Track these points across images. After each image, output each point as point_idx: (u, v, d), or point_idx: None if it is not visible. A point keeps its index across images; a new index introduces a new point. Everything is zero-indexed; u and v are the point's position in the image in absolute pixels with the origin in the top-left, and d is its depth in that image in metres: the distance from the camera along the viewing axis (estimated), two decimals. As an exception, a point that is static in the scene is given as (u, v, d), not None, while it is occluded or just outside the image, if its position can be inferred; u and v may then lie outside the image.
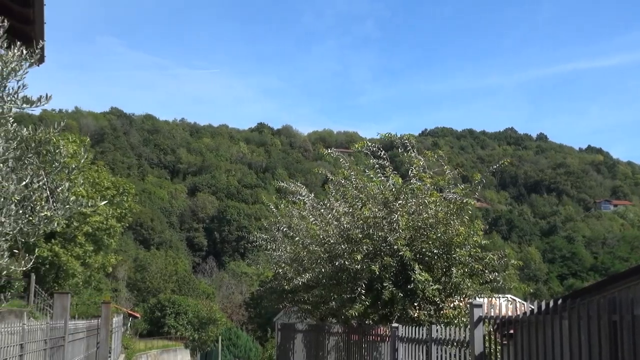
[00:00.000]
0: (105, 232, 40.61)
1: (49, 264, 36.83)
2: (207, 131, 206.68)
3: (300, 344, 20.40)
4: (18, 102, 5.72)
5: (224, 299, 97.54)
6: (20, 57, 5.82)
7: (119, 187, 43.94)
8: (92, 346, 22.49)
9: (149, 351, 51.02)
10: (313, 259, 15.87)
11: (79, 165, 6.52)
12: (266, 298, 22.63)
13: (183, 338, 70.31)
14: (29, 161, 6.08)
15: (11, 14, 10.17)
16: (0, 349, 10.39)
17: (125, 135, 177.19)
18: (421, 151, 15.89)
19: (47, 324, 14.36)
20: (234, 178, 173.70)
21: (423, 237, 14.37)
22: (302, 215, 17.32)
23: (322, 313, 17.32)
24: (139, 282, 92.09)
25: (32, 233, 6.22)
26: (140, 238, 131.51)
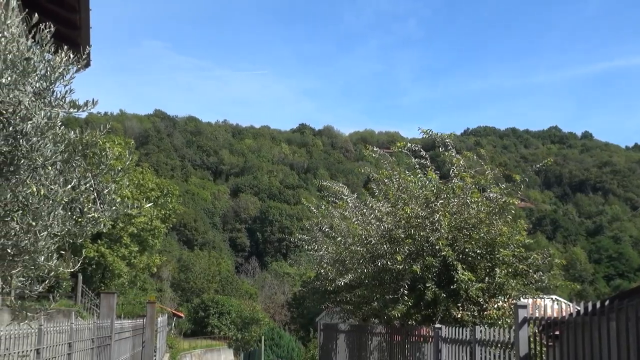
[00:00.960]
0: (150, 232, 41.22)
1: (95, 264, 37.50)
2: (249, 132, 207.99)
3: (342, 344, 20.41)
4: (65, 107, 5.84)
5: (267, 299, 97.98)
6: (67, 61, 5.94)
7: (163, 189, 44.56)
8: (138, 345, 22.80)
9: (193, 350, 51.52)
10: (355, 259, 15.86)
11: (124, 167, 6.63)
12: (308, 298, 22.69)
13: (226, 338, 70.87)
14: (76, 164, 6.21)
15: (58, 19, 10.41)
16: (50, 347, 10.62)
17: (169, 137, 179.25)
18: (461, 151, 15.79)
19: (94, 323, 14.61)
20: (276, 179, 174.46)
21: (466, 237, 14.26)
22: (344, 215, 17.32)
23: (364, 313, 17.31)
24: (183, 282, 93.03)
25: (80, 234, 6.35)
26: (184, 239, 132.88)
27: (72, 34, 12.69)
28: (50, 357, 10.68)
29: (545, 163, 16.03)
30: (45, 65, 5.81)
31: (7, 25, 5.52)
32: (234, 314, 72.94)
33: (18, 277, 5.76)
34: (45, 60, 5.84)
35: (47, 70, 5.81)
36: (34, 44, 5.72)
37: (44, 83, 5.77)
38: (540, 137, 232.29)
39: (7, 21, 5.54)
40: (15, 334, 8.83)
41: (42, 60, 5.76)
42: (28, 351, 9.43)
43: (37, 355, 9.88)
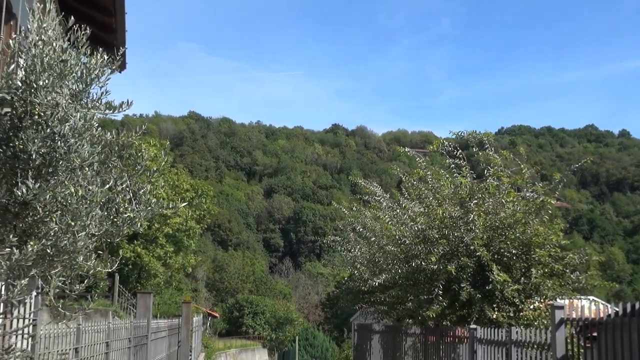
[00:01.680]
0: (185, 233, 41.58)
1: (132, 264, 37.93)
2: (282, 133, 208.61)
3: (377, 344, 20.38)
4: (101, 108, 5.91)
5: (301, 299, 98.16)
6: (103, 63, 6.01)
7: (197, 189, 44.94)
8: (174, 345, 23.01)
9: (228, 350, 51.82)
10: (389, 260, 15.82)
11: (160, 168, 6.69)
12: (342, 299, 22.71)
13: (261, 338, 71.16)
14: (113, 164, 6.28)
15: (94, 22, 10.54)
16: (88, 346, 10.77)
17: (203, 139, 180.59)
18: (498, 150, 15.65)
19: (131, 322, 14.78)
20: (309, 179, 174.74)
21: (501, 237, 14.14)
22: (377, 215, 17.28)
23: (398, 314, 17.25)
24: (218, 282, 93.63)
25: (116, 234, 6.42)
26: (219, 239, 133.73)
27: (108, 37, 12.84)
28: (88, 356, 10.83)
29: (584, 162, 15.82)
30: (81, 67, 5.88)
31: (44, 29, 5.60)
32: (268, 314, 73.22)
33: (57, 277, 5.84)
34: (81, 63, 5.91)
35: (83, 72, 5.88)
36: (70, 47, 5.80)
37: (80, 85, 5.85)
38: (576, 135, 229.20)
39: (44, 24, 5.63)
40: (54, 333, 8.97)
41: (78, 62, 5.84)
42: (67, 350, 9.57)
43: (75, 354, 10.03)
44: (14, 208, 5.51)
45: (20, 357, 6.00)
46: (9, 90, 5.50)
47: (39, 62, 5.33)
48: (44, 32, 5.50)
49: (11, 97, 5.48)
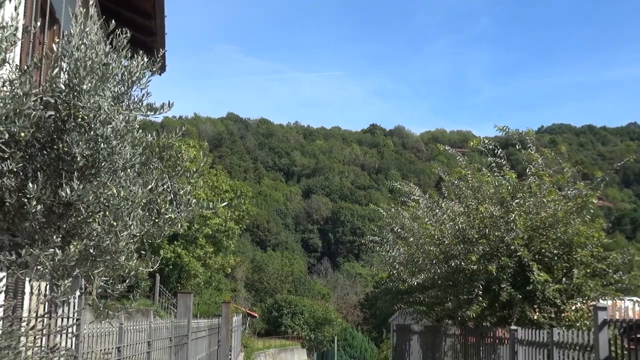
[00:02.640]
0: (224, 234, 41.90)
1: (172, 264, 38.33)
2: (320, 133, 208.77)
3: (416, 345, 20.30)
4: (142, 110, 5.99)
5: (339, 299, 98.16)
6: (143, 66, 6.09)
7: (236, 190, 45.26)
8: (214, 344, 23.19)
9: (267, 350, 52.10)
10: (428, 260, 15.74)
11: (200, 169, 6.76)
12: (381, 299, 22.63)
13: (299, 338, 71.34)
14: (154, 166, 6.36)
15: (134, 26, 10.69)
16: (130, 345, 10.91)
17: (242, 140, 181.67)
18: (539, 148, 15.46)
19: (172, 322, 14.93)
20: (347, 180, 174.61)
21: (542, 237, 13.97)
22: (416, 215, 17.21)
23: (437, 314, 17.17)
24: (257, 282, 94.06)
25: (157, 234, 6.50)
26: (257, 239, 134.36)
27: (148, 39, 13.03)
28: (130, 355, 10.98)
29: (627, 161, 15.55)
30: (122, 70, 5.97)
31: (86, 33, 5.70)
32: (306, 314, 73.35)
33: (100, 277, 5.94)
34: (123, 66, 6.00)
35: (124, 75, 5.98)
36: (112, 50, 5.89)
37: (121, 87, 5.94)
38: (619, 133, 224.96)
39: (86, 29, 5.73)
40: (97, 332, 9.11)
41: (119, 65, 5.93)
42: (110, 349, 9.71)
43: (118, 353, 10.17)
44: (58, 209, 5.62)
45: (65, 355, 6.11)
46: (53, 93, 5.61)
47: (82, 65, 5.42)
48: (87, 36, 5.59)
49: (55, 101, 5.58)
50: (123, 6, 12.38)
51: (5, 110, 5.08)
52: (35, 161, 5.60)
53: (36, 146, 5.63)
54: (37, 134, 5.58)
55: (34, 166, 5.57)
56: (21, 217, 5.51)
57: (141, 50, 6.37)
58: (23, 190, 5.38)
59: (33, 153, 5.63)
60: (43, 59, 6.08)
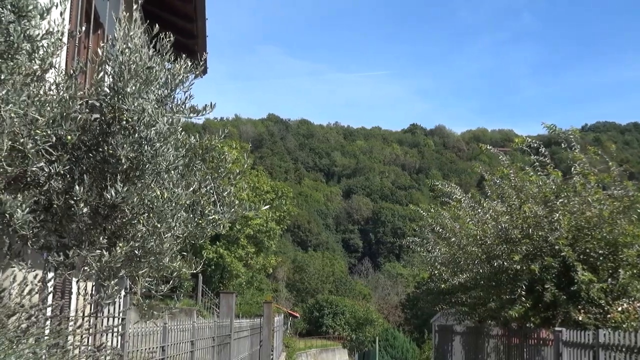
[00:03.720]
0: (265, 234, 42.11)
1: (214, 265, 38.64)
2: (360, 134, 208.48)
3: (458, 345, 20.16)
4: (185, 112, 6.07)
5: (380, 299, 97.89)
6: (186, 69, 6.17)
7: (277, 191, 45.47)
8: (256, 344, 23.32)
9: (309, 350, 52.20)
10: (470, 260, 15.62)
11: (242, 170, 6.82)
12: (422, 299, 22.51)
13: (341, 338, 71.32)
14: (197, 167, 6.44)
15: (176, 29, 10.81)
16: (174, 345, 11.04)
17: (282, 141, 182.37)
18: (583, 147, 15.23)
19: (215, 322, 15.06)
20: (388, 180, 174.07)
21: (587, 236, 13.76)
22: (457, 215, 17.08)
23: (480, 315, 17.02)
24: (298, 282, 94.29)
25: (200, 235, 6.58)
26: (298, 240, 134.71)
27: (190, 42, 13.17)
28: (174, 354, 11.11)
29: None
30: (165, 73, 6.06)
31: (131, 37, 5.79)
32: (348, 314, 73.29)
33: (144, 277, 6.03)
34: (166, 69, 6.09)
35: (167, 78, 6.06)
36: (155, 54, 5.97)
37: (165, 90, 6.02)
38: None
39: (130, 33, 5.82)
40: (142, 331, 9.24)
41: (162, 68, 6.01)
42: (154, 348, 9.84)
43: (162, 352, 10.30)
44: (103, 211, 5.71)
45: (111, 354, 6.21)
46: (98, 97, 5.71)
47: (126, 69, 5.51)
48: (131, 40, 5.68)
49: (100, 104, 5.68)
50: (165, 9, 12.55)
51: (53, 114, 5.19)
52: (81, 164, 5.71)
53: (82, 149, 5.74)
54: (83, 136, 5.68)
55: (80, 169, 5.67)
56: (68, 218, 5.62)
57: (183, 54, 6.45)
58: (70, 192, 5.48)
59: (79, 156, 5.73)
60: (88, 63, 6.20)
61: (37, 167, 5.23)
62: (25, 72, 4.99)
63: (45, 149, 5.19)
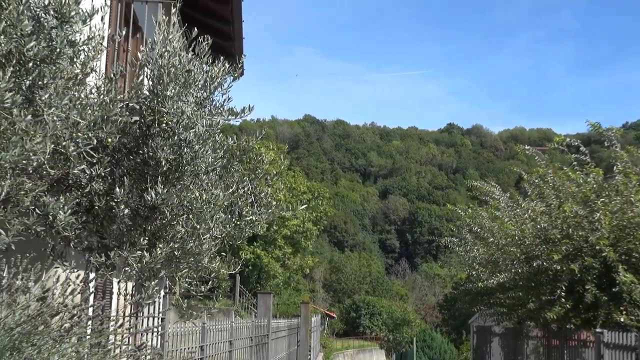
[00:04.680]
0: (302, 234, 42.23)
1: (251, 265, 38.85)
2: (396, 134, 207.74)
3: (497, 347, 19.99)
4: (224, 115, 6.13)
5: (417, 300, 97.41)
6: (224, 72, 6.23)
7: (314, 192, 45.55)
8: (293, 344, 23.39)
9: (346, 350, 52.20)
10: (509, 260, 15.48)
11: (280, 171, 6.86)
12: (460, 300, 22.37)
13: (378, 338, 71.20)
14: (235, 169, 6.49)
15: (213, 31, 10.91)
16: (213, 344, 11.14)
17: (318, 141, 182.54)
18: (624, 146, 14.99)
19: (252, 322, 15.15)
20: (424, 180, 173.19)
21: (629, 237, 13.54)
22: (495, 215, 16.94)
23: (519, 316, 16.84)
24: (335, 283, 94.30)
25: (238, 236, 6.63)
26: (335, 240, 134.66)
27: (227, 44, 13.28)
28: (213, 353, 11.21)
29: None
30: (204, 76, 6.12)
31: (169, 40, 5.87)
32: (385, 314, 73.13)
33: (184, 278, 6.10)
34: (204, 72, 6.15)
35: (206, 80, 6.12)
36: (194, 57, 6.04)
37: (203, 93, 6.09)
38: None
39: (169, 36, 5.89)
40: (181, 331, 9.34)
41: (201, 71, 6.08)
42: (193, 348, 9.94)
43: (201, 351, 10.40)
44: (143, 212, 5.80)
45: (151, 354, 6.29)
46: (138, 100, 5.79)
47: (165, 72, 5.58)
48: (170, 43, 5.76)
49: (140, 107, 5.77)
50: (202, 12, 12.66)
51: (94, 117, 5.28)
52: (121, 166, 5.80)
53: (123, 151, 5.83)
54: (124, 139, 5.77)
55: (120, 171, 5.76)
56: (109, 220, 5.71)
57: (221, 56, 6.51)
58: (111, 194, 5.57)
59: (120, 158, 5.82)
60: (128, 66, 6.29)
61: (79, 169, 5.32)
62: (67, 76, 5.08)
63: (86, 151, 5.28)
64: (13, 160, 4.38)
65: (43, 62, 4.78)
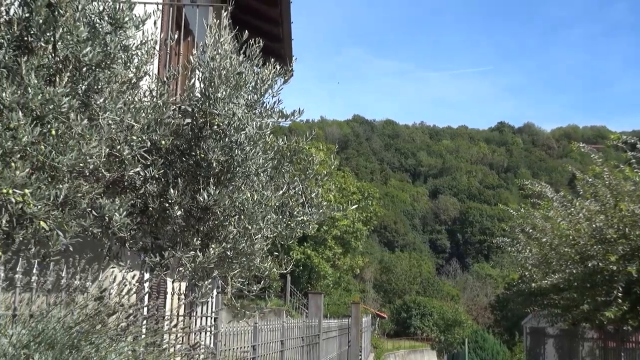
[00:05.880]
0: (352, 235, 42.20)
1: (302, 265, 39.01)
2: (446, 133, 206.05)
3: (551, 349, 19.69)
4: (274, 117, 6.17)
5: (469, 301, 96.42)
6: (274, 74, 6.27)
7: (363, 192, 45.47)
8: (344, 345, 23.39)
9: (397, 351, 51.97)
10: (562, 261, 15.22)
11: (330, 171, 6.89)
12: (513, 301, 22.08)
13: (429, 339, 70.67)
14: (285, 169, 6.54)
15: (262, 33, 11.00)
16: (264, 344, 11.21)
17: (368, 141, 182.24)
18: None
19: (304, 322, 15.19)
20: (475, 179, 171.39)
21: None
22: (547, 215, 16.66)
23: (574, 317, 16.56)
24: (385, 283, 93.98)
25: (289, 236, 6.68)
26: (385, 240, 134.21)
27: (276, 46, 13.34)
28: (264, 353, 11.28)
29: None
30: (254, 78, 6.18)
31: (221, 43, 5.94)
32: (436, 315, 72.56)
33: (237, 278, 6.16)
34: (255, 74, 6.21)
35: (256, 82, 6.18)
36: (245, 59, 6.10)
37: (254, 95, 6.14)
38: None
39: (220, 39, 5.96)
40: (233, 331, 9.43)
41: (252, 73, 6.13)
42: (245, 347, 10.03)
43: (253, 351, 10.48)
44: (196, 213, 5.88)
45: (205, 353, 6.38)
46: (190, 102, 5.88)
47: (216, 75, 5.65)
48: (221, 46, 5.83)
49: (192, 109, 5.85)
50: (251, 14, 12.75)
51: (147, 120, 5.38)
52: (175, 167, 5.89)
53: (176, 153, 5.92)
54: (176, 141, 5.87)
55: (174, 172, 5.86)
56: (163, 221, 5.81)
57: (271, 58, 6.56)
58: (165, 195, 5.67)
59: (173, 160, 5.92)
60: (179, 69, 6.39)
61: (133, 171, 5.43)
62: (121, 81, 5.19)
63: (140, 154, 5.38)
64: (70, 163, 4.49)
65: (98, 67, 4.90)
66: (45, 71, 4.74)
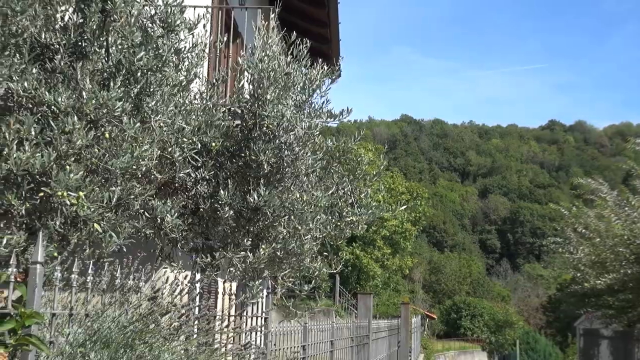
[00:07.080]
0: (401, 235, 42.05)
1: (351, 266, 39.00)
2: (495, 132, 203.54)
3: (605, 351, 19.30)
4: (323, 117, 6.18)
5: (520, 301, 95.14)
6: (322, 74, 6.28)
7: (412, 192, 45.27)
8: (393, 345, 23.31)
9: (447, 352, 51.57)
10: (617, 261, 14.91)
11: (378, 172, 6.87)
12: (565, 302, 21.73)
13: (479, 340, 69.93)
14: (334, 170, 6.55)
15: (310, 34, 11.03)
16: (314, 344, 11.24)
17: (416, 141, 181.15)
18: None
19: (353, 322, 15.18)
20: (525, 178, 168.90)
21: None
22: (601, 215, 16.33)
23: (629, 318, 16.21)
24: (434, 283, 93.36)
25: (338, 237, 6.68)
26: (434, 241, 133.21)
27: (324, 47, 13.37)
28: (314, 353, 11.30)
29: None
30: (303, 79, 6.20)
31: (269, 45, 5.98)
32: (486, 316, 71.77)
33: (287, 278, 6.20)
34: (303, 74, 6.23)
35: (305, 83, 6.20)
36: (293, 60, 6.13)
37: (302, 96, 6.16)
38: None
39: (269, 41, 6.00)
40: (283, 330, 9.47)
41: (300, 74, 6.16)
42: (296, 347, 10.07)
43: (303, 351, 10.52)
44: (246, 214, 5.92)
45: (256, 352, 6.42)
46: (239, 104, 5.93)
47: (265, 76, 5.69)
48: (269, 48, 5.86)
49: (241, 111, 5.90)
50: (298, 16, 12.80)
51: (198, 122, 5.44)
52: (225, 169, 5.95)
53: (226, 155, 5.98)
54: (226, 143, 5.92)
55: (224, 174, 5.91)
56: (214, 221, 5.87)
57: (319, 58, 6.58)
58: (215, 196, 5.73)
59: (223, 161, 5.98)
60: (229, 71, 6.45)
61: (184, 173, 5.50)
62: (172, 83, 5.26)
63: (191, 155, 5.45)
64: (123, 166, 4.58)
65: (150, 71, 4.97)
66: (99, 76, 4.83)
